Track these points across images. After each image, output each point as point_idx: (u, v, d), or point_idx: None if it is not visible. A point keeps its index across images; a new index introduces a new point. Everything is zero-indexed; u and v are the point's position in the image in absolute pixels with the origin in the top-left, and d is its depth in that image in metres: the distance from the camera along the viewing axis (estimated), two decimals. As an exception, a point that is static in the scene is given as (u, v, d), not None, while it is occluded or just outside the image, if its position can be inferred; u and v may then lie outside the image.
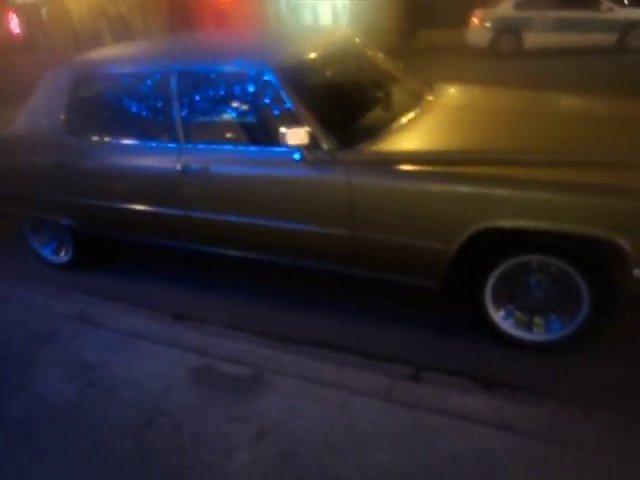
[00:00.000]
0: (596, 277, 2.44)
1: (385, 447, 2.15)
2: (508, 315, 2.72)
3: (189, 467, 2.14)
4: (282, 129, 2.56)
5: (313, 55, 3.02)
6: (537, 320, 2.69)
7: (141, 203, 3.24)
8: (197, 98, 2.98)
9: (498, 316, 2.71)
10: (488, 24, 11.72)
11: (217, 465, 2.13)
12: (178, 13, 19.70)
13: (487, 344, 2.80)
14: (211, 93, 2.98)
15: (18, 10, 21.78)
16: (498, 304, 2.70)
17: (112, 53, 3.56)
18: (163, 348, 2.94)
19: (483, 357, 2.74)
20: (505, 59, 11.78)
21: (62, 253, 3.92)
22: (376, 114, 3.07)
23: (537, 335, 2.68)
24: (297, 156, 2.66)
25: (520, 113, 3.06)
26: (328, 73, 3.17)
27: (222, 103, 3.00)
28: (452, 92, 3.68)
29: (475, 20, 11.68)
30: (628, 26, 11.02)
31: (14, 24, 22.02)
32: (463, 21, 11.95)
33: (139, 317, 3.28)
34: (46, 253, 4.00)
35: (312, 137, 2.64)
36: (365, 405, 2.39)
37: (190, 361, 2.80)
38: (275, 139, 2.62)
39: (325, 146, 2.67)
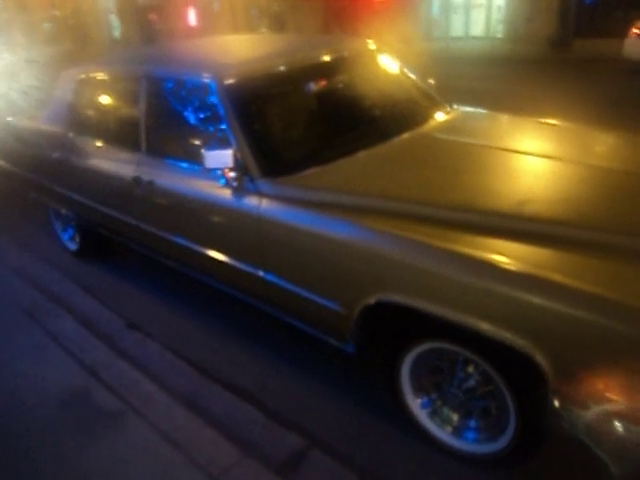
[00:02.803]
0: (522, 394, 1.78)
1: None
2: (426, 404, 2.12)
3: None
4: (203, 150, 2.30)
5: (276, 70, 2.60)
6: (453, 417, 2.07)
7: (106, 205, 3.24)
8: (157, 108, 2.80)
9: (415, 402, 2.13)
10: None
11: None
12: (332, 14, 20.09)
13: (402, 433, 2.23)
14: (168, 103, 2.77)
15: (195, 5, 24.09)
16: (418, 390, 2.13)
17: (107, 58, 3.60)
18: (70, 360, 2.76)
19: (388, 450, 2.18)
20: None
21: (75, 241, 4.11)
22: (339, 141, 2.60)
23: (448, 437, 2.06)
24: (222, 180, 2.37)
25: (529, 160, 2.30)
26: (295, 92, 2.72)
27: (175, 115, 2.74)
28: (467, 120, 2.99)
29: (635, 31, 9.85)
30: None
31: (192, 18, 24.44)
32: (625, 31, 10.22)
33: (79, 318, 3.15)
34: (64, 238, 4.22)
35: (239, 161, 2.34)
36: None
37: (77, 379, 2.62)
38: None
39: (251, 173, 2.34)
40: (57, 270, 3.93)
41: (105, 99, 3.22)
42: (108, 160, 3.13)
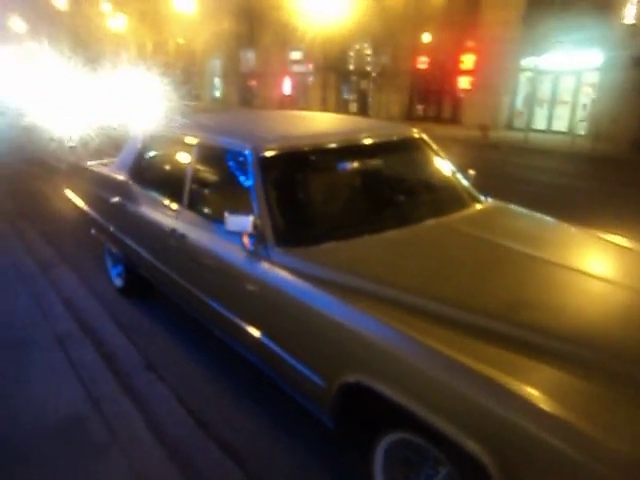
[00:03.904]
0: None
1: None
2: None
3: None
4: (226, 213, 2.50)
5: (310, 148, 2.80)
6: None
7: (147, 250, 3.49)
8: (203, 169, 3.10)
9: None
10: None
11: None
12: (417, 97, 20.84)
13: None
14: (211, 166, 3.04)
15: (292, 76, 25.87)
16: (390, 478, 2.07)
17: (173, 120, 3.97)
18: (79, 389, 2.89)
19: None
20: None
21: (121, 279, 4.42)
22: (360, 220, 2.70)
23: None
24: (239, 243, 2.54)
25: (542, 267, 2.23)
26: (326, 170, 2.87)
27: (215, 178, 3.03)
28: (495, 216, 2.97)
29: None
30: None
31: (287, 87, 26.23)
32: None
33: (103, 352, 3.30)
34: (113, 274, 4.55)
35: (258, 228, 2.51)
36: None
37: (79, 407, 2.73)
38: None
39: (267, 241, 2.50)
40: (100, 303, 4.22)
41: (164, 155, 3.56)
42: (156, 210, 3.42)
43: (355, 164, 2.96)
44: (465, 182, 3.24)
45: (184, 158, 3.26)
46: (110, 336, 3.70)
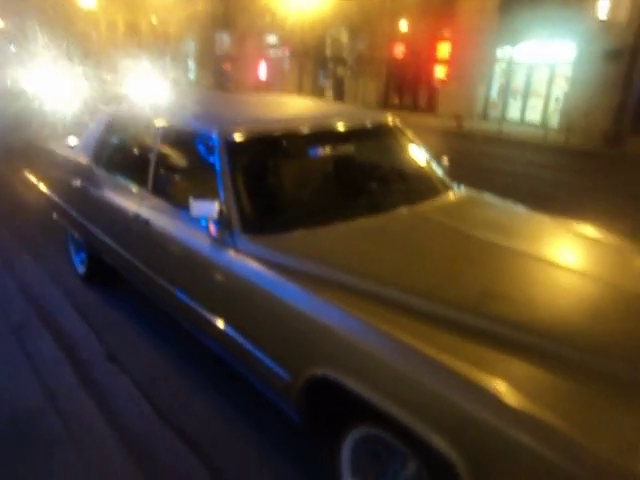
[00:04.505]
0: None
1: None
2: None
3: None
4: (191, 198, 2.38)
5: (280, 133, 2.70)
6: None
7: (109, 236, 3.36)
8: (167, 153, 2.98)
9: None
10: None
11: None
12: (393, 85, 20.78)
13: None
14: (177, 150, 2.93)
15: (267, 61, 25.49)
16: (357, 472, 2.02)
17: (138, 101, 3.80)
18: (34, 381, 2.76)
19: None
20: None
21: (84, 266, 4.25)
22: (330, 208, 2.62)
23: None
24: (204, 229, 2.44)
25: (513, 256, 2.23)
26: (295, 156, 2.75)
27: (180, 162, 2.90)
28: (468, 205, 2.92)
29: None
30: None
31: (262, 72, 25.82)
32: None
33: (62, 342, 3.17)
34: (76, 261, 4.38)
35: (224, 214, 2.40)
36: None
37: (34, 399, 2.62)
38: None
39: (232, 227, 2.40)
40: (61, 291, 4.06)
41: (128, 138, 3.40)
42: (119, 195, 3.27)
43: (327, 150, 2.86)
44: (439, 170, 3.18)
45: (149, 141, 3.12)
46: (70, 325, 3.56)
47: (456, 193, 3.03)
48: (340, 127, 2.91)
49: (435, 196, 2.90)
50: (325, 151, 2.86)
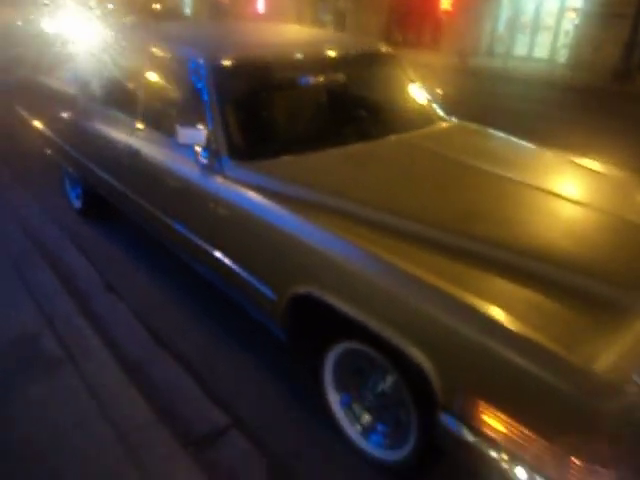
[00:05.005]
0: (422, 407, 1.75)
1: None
2: (345, 401, 2.14)
3: None
4: (177, 125, 2.37)
5: (269, 60, 2.62)
6: (364, 418, 2.08)
7: (102, 168, 3.36)
8: (156, 81, 2.92)
9: (335, 398, 2.14)
10: None
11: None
12: (395, 18, 19.96)
13: (321, 427, 2.26)
14: (165, 78, 2.86)
15: (264, -6, 24.44)
16: (340, 386, 2.14)
17: (126, 29, 3.68)
18: (33, 308, 2.85)
19: (302, 440, 2.18)
20: None
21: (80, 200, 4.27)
22: (318, 134, 2.60)
23: (357, 437, 2.07)
24: (192, 156, 2.45)
25: (499, 182, 2.24)
26: (284, 83, 2.73)
27: (169, 90, 2.85)
28: (459, 135, 2.91)
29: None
30: None
31: (260, 4, 24.83)
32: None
33: (60, 274, 3.24)
34: (72, 196, 4.40)
35: (212, 141, 2.40)
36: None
37: (32, 325, 2.71)
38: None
39: (220, 154, 2.40)
40: (58, 225, 4.09)
41: (116, 67, 3.33)
42: (109, 126, 3.25)
43: (318, 77, 2.82)
44: (431, 101, 3.14)
45: (138, 70, 3.06)
46: (69, 258, 3.62)
47: (449, 123, 3.00)
48: (332, 54, 2.85)
49: (426, 126, 2.88)
50: (316, 78, 2.81)
